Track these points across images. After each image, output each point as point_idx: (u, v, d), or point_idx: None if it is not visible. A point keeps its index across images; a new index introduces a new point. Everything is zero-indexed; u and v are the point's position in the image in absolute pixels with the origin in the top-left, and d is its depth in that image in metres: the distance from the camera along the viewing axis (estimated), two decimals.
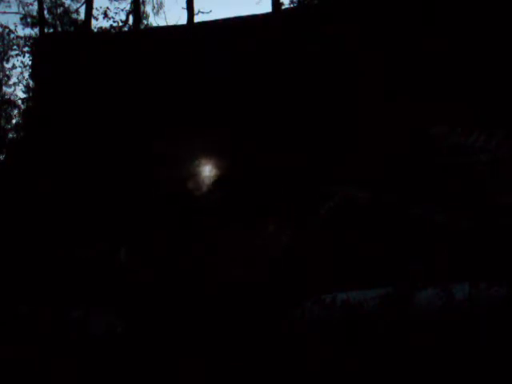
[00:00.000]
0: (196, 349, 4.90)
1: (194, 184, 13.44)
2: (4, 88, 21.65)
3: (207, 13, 20.70)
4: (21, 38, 20.90)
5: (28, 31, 41.40)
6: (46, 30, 19.90)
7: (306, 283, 5.59)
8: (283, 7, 16.16)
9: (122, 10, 20.06)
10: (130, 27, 19.58)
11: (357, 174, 10.79)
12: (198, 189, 13.28)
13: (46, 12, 20.16)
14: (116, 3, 27.30)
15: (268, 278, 5.70)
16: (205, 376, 4.60)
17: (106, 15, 19.00)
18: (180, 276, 6.18)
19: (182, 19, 20.18)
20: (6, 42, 21.32)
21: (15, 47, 20.96)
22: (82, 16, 19.99)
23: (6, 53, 21.49)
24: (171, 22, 26.76)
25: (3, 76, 21.63)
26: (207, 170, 13.82)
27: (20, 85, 22.02)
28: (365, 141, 12.00)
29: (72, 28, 19.85)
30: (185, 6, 16.95)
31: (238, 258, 6.16)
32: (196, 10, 17.31)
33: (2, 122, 20.37)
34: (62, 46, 17.08)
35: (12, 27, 27.60)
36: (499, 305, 4.62)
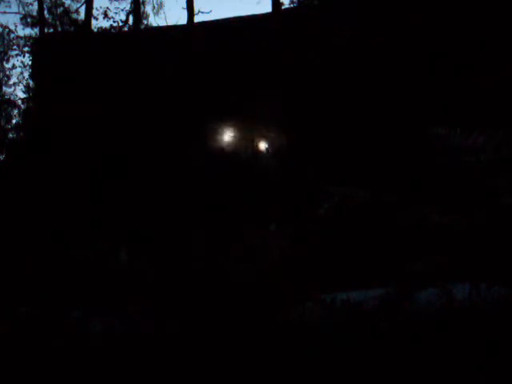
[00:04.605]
0: (195, 349, 4.90)
1: (192, 183, 13.46)
2: (4, 88, 21.65)
3: (207, 13, 20.59)
4: (21, 38, 20.90)
5: (28, 31, 41.35)
6: (46, 30, 19.89)
7: (306, 283, 5.59)
8: (283, 7, 16.17)
9: (122, 10, 19.98)
10: (129, 27, 19.56)
11: (357, 174, 10.81)
12: (195, 188, 13.29)
13: (46, 12, 20.15)
14: (116, 3, 27.27)
15: (268, 278, 5.72)
16: (205, 375, 4.61)
17: (106, 15, 18.99)
18: (179, 276, 6.19)
19: (182, 19, 20.15)
20: (5, 41, 21.33)
21: (15, 47, 20.96)
22: (82, 16, 19.98)
23: (6, 53, 21.50)
24: (171, 22, 26.76)
25: (3, 76, 21.63)
26: (205, 170, 13.84)
27: (20, 85, 21.99)
28: (365, 141, 12.02)
29: (72, 28, 19.84)
30: (185, 5, 16.94)
31: (237, 257, 6.17)
32: (196, 10, 17.28)
33: (2, 121, 20.36)
34: (61, 45, 17.10)
35: (12, 27, 27.63)
36: (499, 305, 4.63)
